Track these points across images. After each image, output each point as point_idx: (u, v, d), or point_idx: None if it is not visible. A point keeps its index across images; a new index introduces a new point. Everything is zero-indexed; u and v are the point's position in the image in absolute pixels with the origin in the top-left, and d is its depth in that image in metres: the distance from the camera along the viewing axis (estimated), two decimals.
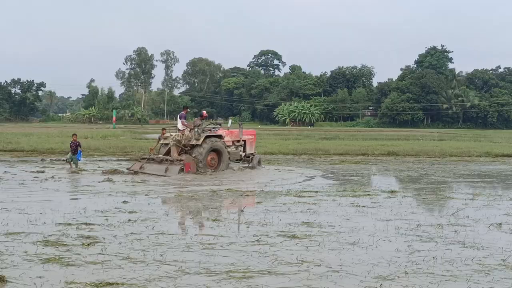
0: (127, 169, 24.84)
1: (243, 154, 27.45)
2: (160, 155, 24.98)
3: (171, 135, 25.62)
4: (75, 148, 25.67)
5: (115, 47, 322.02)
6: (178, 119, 26.77)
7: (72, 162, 25.53)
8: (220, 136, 25.92)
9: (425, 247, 10.35)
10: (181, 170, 23.57)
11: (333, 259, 9.38)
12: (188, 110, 28.08)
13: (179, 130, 26.06)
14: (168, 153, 25.11)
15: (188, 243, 10.35)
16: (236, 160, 26.92)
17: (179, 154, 24.80)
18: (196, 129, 25.46)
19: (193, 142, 24.84)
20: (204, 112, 27.56)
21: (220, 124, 27.15)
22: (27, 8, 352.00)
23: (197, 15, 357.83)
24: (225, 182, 21.10)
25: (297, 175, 23.95)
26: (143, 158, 25.09)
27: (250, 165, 26.96)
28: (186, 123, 26.25)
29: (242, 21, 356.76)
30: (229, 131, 27.14)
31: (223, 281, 8.06)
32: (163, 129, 28.46)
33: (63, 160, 25.96)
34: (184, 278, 8.17)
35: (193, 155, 24.35)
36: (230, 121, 29.37)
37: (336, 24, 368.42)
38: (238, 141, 27.27)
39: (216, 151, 25.22)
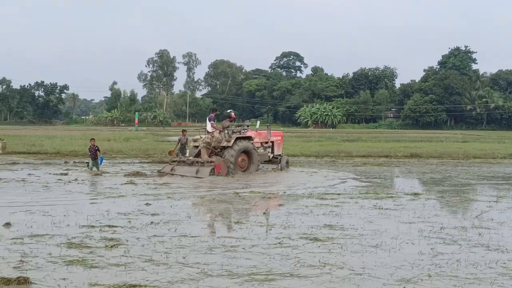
0: (158, 171, 24.93)
1: (271, 156, 27.52)
2: (190, 157, 25.06)
3: (201, 137, 25.71)
4: (94, 152, 25.67)
5: (137, 50, 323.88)
6: (207, 121, 26.83)
7: (93, 168, 25.43)
8: (250, 138, 26.01)
9: (448, 250, 10.26)
10: (212, 171, 23.66)
11: (355, 261, 9.34)
12: (217, 112, 28.24)
13: (208, 132, 26.10)
14: (198, 155, 25.19)
15: (211, 246, 10.36)
16: (264, 161, 26.96)
17: (209, 156, 24.88)
18: (226, 131, 25.55)
19: (224, 143, 24.96)
20: (233, 113, 27.48)
21: (247, 126, 27.20)
22: (51, 11, 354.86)
23: (219, 17, 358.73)
24: (253, 184, 21.12)
25: (327, 178, 23.73)
26: (174, 161, 25.23)
27: (278, 166, 27.02)
28: (215, 125, 26.34)
29: (264, 23, 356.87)
30: (257, 133, 27.27)
31: (245, 283, 8.06)
32: (183, 130, 28.70)
33: (86, 162, 26.13)
34: (207, 280, 8.19)
35: (224, 157, 24.45)
36: (258, 122, 29.53)
37: (358, 25, 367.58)
38: (266, 143, 27.41)
39: (247, 153, 25.37)
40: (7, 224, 12.03)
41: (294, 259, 9.46)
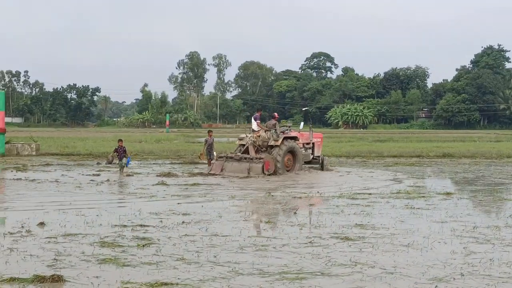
0: (208, 172, 25.13)
1: (312, 157, 27.91)
2: (238, 153, 25.58)
3: (246, 135, 26.29)
4: (122, 153, 25.65)
5: (167, 52, 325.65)
6: (253, 120, 27.42)
7: (121, 169, 25.39)
8: (295, 138, 26.54)
9: (481, 249, 10.18)
10: (263, 168, 24.17)
11: (387, 260, 9.31)
12: (262, 112, 28.57)
13: (253, 131, 26.69)
14: (244, 153, 25.72)
15: (241, 245, 10.40)
16: (305, 162, 27.25)
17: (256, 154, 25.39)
18: (272, 130, 25.95)
19: (272, 143, 25.39)
20: (276, 114, 28.21)
21: (289, 127, 27.53)
22: (82, 15, 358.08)
23: (248, 18, 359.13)
24: (301, 185, 21.16)
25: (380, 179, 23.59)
26: (220, 157, 25.67)
27: (319, 166, 27.49)
28: (261, 124, 26.94)
29: (294, 24, 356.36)
30: (300, 134, 27.62)
31: (276, 282, 8.07)
32: (209, 131, 29.10)
33: (117, 163, 26.36)
34: (238, 279, 8.21)
35: (272, 156, 24.83)
36: (302, 123, 29.86)
37: (389, 24, 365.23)
38: (308, 144, 27.79)
39: (292, 153, 25.80)
40: (41, 224, 12.18)
41: (325, 258, 9.45)
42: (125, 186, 20.14)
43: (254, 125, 27.03)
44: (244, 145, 26.09)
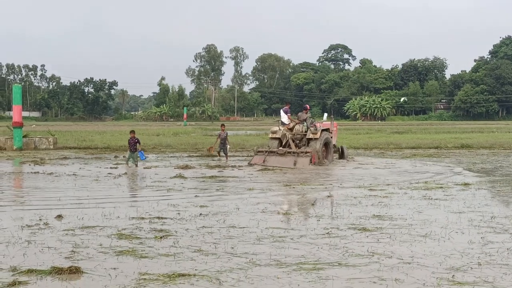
0: (249, 163, 25.48)
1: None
2: (281, 148, 25.84)
3: (280, 129, 26.68)
4: (134, 145, 25.32)
5: (184, 45, 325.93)
6: (283, 114, 27.72)
7: (131, 162, 25.23)
8: (328, 130, 27.40)
9: (499, 239, 10.14)
10: (311, 161, 24.70)
11: (404, 251, 9.29)
12: (290, 105, 28.95)
13: (283, 124, 27.16)
14: (280, 146, 26.15)
15: (259, 236, 10.41)
16: None
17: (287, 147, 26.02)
18: (306, 123, 26.70)
19: (310, 136, 25.92)
20: (307, 105, 28.85)
21: (313, 118, 28.23)
22: (99, 10, 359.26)
23: (265, 10, 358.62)
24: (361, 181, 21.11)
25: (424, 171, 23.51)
26: (260, 151, 25.95)
27: (339, 156, 28.29)
28: (292, 117, 27.57)
29: (311, 16, 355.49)
30: (323, 124, 28.01)
31: (293, 272, 8.08)
32: (222, 125, 29.24)
33: (123, 157, 26.36)
34: (255, 269, 8.22)
35: (315, 148, 25.36)
36: (325, 115, 30.21)
37: (407, 15, 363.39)
38: (330, 134, 28.20)
39: (325, 144, 26.36)
40: (59, 216, 12.26)
41: (342, 248, 9.45)
42: (143, 179, 20.20)
43: (285, 118, 27.41)
44: (278, 138, 26.48)
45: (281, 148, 25.87)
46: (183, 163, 26.40)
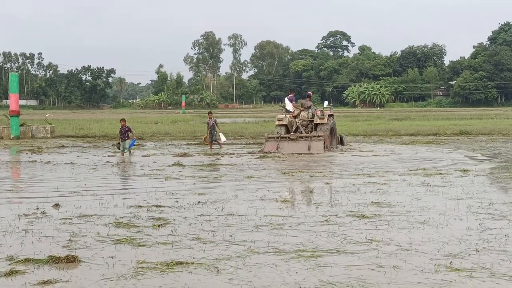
0: (262, 150, 25.60)
1: None
2: (293, 133, 26.11)
3: (286, 116, 26.98)
4: (125, 133, 25.05)
5: (182, 32, 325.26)
6: (288, 101, 28.16)
7: (123, 151, 24.83)
8: (332, 116, 27.97)
9: (497, 225, 10.14)
10: (324, 145, 25.30)
11: (402, 237, 9.28)
12: (294, 92, 29.38)
13: (288, 111, 27.55)
14: (287, 133, 26.53)
15: (257, 224, 10.39)
16: None
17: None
18: (311, 110, 27.37)
19: (318, 121, 26.43)
20: (311, 93, 29.88)
21: (315, 106, 28.83)
22: None
23: None
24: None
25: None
26: (271, 138, 26.03)
27: (342, 145, 28.55)
28: (296, 105, 28.12)
29: (310, 2, 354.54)
30: (321, 111, 28.19)
31: (291, 260, 8.06)
32: (209, 112, 29.34)
33: (113, 145, 26.24)
34: (253, 257, 8.21)
35: (323, 132, 25.92)
36: (326, 102, 30.45)
37: (405, 2, 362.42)
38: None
39: (330, 130, 26.87)
40: (56, 205, 12.23)
41: (340, 236, 9.43)
42: (141, 167, 20.16)
43: (290, 106, 27.76)
44: (284, 125, 26.68)
45: (292, 133, 26.11)
46: (181, 151, 26.38)
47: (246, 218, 10.94)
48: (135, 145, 25.39)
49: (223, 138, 28.77)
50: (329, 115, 27.36)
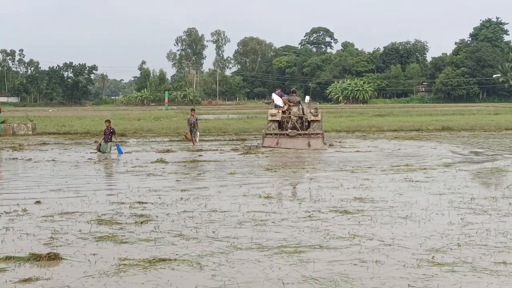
0: (262, 146, 26.15)
1: None
2: (291, 130, 26.73)
3: (279, 112, 27.50)
4: (109, 134, 24.56)
5: (165, 29, 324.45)
6: (277, 97, 28.57)
7: (104, 153, 24.10)
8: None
9: (478, 220, 10.20)
10: (323, 142, 26.14)
11: (385, 233, 9.31)
12: (281, 88, 30.03)
13: (276, 107, 28.02)
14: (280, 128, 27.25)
15: (240, 220, 10.38)
16: None
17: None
18: (300, 105, 28.27)
19: (312, 118, 27.08)
20: (295, 88, 31.01)
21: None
22: None
23: None
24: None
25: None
26: (268, 134, 26.57)
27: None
28: (286, 100, 28.55)
29: None
30: (306, 107, 28.89)
31: (274, 255, 8.06)
32: (192, 109, 29.35)
33: (95, 142, 26.11)
34: (236, 253, 8.20)
35: (320, 129, 26.74)
36: (307, 97, 30.68)
37: None
38: None
39: None
40: (38, 203, 12.15)
41: (323, 231, 9.45)
42: (124, 164, 20.08)
43: (280, 101, 28.10)
44: (277, 121, 27.23)
45: (290, 130, 26.67)
46: (164, 147, 26.31)
47: (229, 214, 10.93)
48: (120, 152, 24.65)
49: (197, 139, 28.58)
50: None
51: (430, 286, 6.81)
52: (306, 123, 27.43)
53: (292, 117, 27.42)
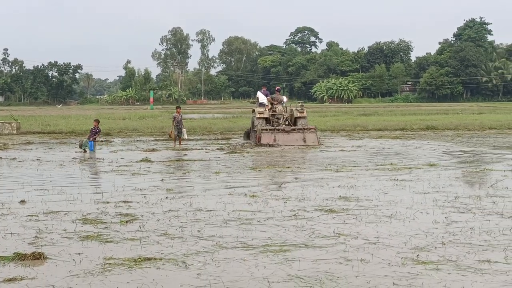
0: (260, 143, 26.36)
1: None
2: (283, 126, 27.33)
3: (266, 110, 28.00)
4: (93, 134, 24.68)
5: (150, 28, 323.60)
6: (262, 95, 29.18)
7: (84, 148, 24.09)
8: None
9: (462, 218, 10.27)
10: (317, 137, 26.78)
11: (370, 231, 9.35)
12: (267, 87, 31.04)
13: (261, 105, 28.60)
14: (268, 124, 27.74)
15: (226, 219, 10.38)
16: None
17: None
18: (284, 103, 29.01)
19: (298, 114, 27.88)
20: (279, 87, 31.74)
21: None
22: None
23: None
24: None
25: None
26: (264, 130, 26.87)
27: None
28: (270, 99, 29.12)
29: None
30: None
31: (260, 254, 8.07)
32: (178, 107, 29.42)
33: (80, 140, 26.05)
34: (222, 252, 8.20)
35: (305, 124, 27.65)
36: (284, 98, 31.01)
37: None
38: None
39: None
40: (22, 202, 12.11)
41: (308, 230, 9.47)
42: (109, 163, 20.00)
43: (264, 100, 28.71)
44: (265, 118, 27.72)
45: (285, 125, 27.30)
46: (150, 147, 26.25)
47: (215, 213, 10.93)
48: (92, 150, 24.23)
49: (185, 135, 28.46)
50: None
51: (414, 284, 6.85)
52: (293, 120, 28.01)
53: (284, 114, 28.02)
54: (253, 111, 29.24)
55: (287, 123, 27.73)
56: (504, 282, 6.94)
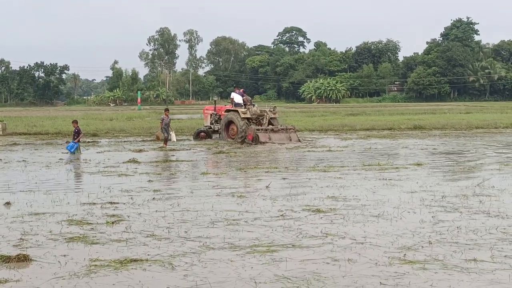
0: (259, 141, 27.35)
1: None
2: (273, 126, 28.64)
3: (249, 110, 28.83)
4: (75, 134, 24.41)
5: (138, 28, 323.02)
6: (238, 96, 30.10)
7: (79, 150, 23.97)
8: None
9: (449, 218, 10.30)
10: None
11: (357, 231, 9.35)
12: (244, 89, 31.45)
13: (238, 105, 29.41)
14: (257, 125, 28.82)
15: (213, 220, 10.35)
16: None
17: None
18: (255, 104, 30.67)
19: (272, 115, 29.26)
20: (242, 89, 32.75)
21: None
22: None
23: None
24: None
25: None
26: (258, 129, 27.88)
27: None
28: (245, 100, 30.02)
29: None
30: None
31: (247, 255, 8.05)
32: (166, 109, 29.40)
33: (67, 142, 25.75)
34: (209, 253, 8.18)
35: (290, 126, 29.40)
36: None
37: None
38: None
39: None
40: (7, 204, 12.01)
41: (296, 230, 9.46)
42: (96, 164, 19.90)
43: (241, 100, 29.57)
44: (249, 118, 28.58)
45: (272, 126, 28.42)
46: (137, 147, 26.15)
47: (202, 213, 10.90)
48: (72, 151, 23.95)
49: (173, 138, 28.31)
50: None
51: (401, 284, 6.85)
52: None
53: (265, 114, 29.00)
54: (228, 111, 29.94)
55: (267, 123, 28.70)
56: (490, 281, 6.96)
